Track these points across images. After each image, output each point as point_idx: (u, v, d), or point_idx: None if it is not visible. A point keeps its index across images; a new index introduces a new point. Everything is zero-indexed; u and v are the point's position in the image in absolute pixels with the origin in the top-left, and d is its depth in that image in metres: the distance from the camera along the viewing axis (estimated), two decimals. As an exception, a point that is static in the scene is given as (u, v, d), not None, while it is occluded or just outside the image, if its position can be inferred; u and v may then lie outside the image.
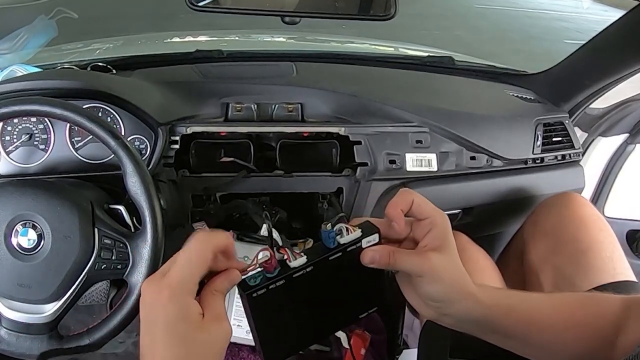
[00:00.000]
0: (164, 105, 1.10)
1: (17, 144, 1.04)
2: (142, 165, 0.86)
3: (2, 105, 0.87)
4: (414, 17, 5.95)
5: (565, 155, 1.31)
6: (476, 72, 1.54)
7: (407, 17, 5.15)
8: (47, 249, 0.83)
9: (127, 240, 0.85)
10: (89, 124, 0.85)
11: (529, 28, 7.11)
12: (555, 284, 1.07)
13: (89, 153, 1.05)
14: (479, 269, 1.06)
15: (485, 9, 7.91)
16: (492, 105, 1.35)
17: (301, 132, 1.15)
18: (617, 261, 1.06)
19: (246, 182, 1.13)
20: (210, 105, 1.14)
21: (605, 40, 1.26)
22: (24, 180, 0.95)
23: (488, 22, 7.27)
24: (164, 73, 1.31)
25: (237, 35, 2.11)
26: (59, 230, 0.83)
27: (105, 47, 1.79)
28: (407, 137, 1.18)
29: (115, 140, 0.85)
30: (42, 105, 0.87)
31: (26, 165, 1.04)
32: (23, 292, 0.84)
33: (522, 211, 1.27)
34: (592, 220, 1.11)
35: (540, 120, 1.29)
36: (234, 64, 1.41)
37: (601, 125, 1.42)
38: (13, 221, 0.83)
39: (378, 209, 1.15)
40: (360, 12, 1.17)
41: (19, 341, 0.86)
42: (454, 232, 1.17)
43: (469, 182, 1.22)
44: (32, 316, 0.85)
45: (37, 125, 1.05)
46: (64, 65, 1.34)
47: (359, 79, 1.39)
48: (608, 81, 1.29)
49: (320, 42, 1.94)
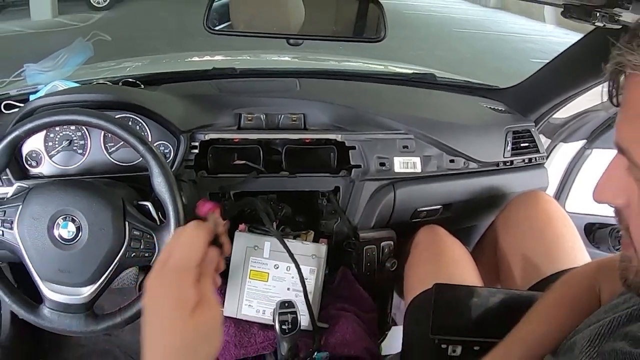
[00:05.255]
0: (185, 116, 1.10)
1: (59, 148, 1.05)
2: (167, 167, 0.86)
3: (46, 115, 0.87)
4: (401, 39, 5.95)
5: (532, 159, 1.31)
6: (454, 86, 1.54)
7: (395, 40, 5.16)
8: (85, 239, 0.84)
9: (154, 232, 0.86)
10: (121, 132, 0.86)
11: (500, 49, 7.12)
12: (524, 271, 1.07)
13: (120, 157, 1.05)
14: (455, 258, 1.06)
15: (462, 33, 7.93)
16: (468, 116, 1.35)
17: (304, 138, 1.16)
18: (577, 250, 1.06)
19: (256, 182, 1.13)
20: (225, 115, 1.14)
21: (565, 59, 1.26)
22: (65, 180, 0.95)
23: (465, 44, 7.28)
24: (185, 88, 1.31)
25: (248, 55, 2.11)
26: (95, 223, 0.84)
27: (134, 65, 1.79)
28: (395, 143, 1.18)
29: (143, 146, 0.86)
30: (81, 115, 0.87)
31: (66, 167, 1.04)
32: (63, 276, 0.85)
33: (495, 207, 1.27)
34: (556, 214, 1.11)
35: (510, 129, 1.30)
36: (246, 80, 1.41)
37: (562, 133, 1.42)
38: (55, 215, 0.84)
39: (369, 205, 1.16)
40: (355, 35, 1.18)
41: (60, 319, 0.86)
42: (432, 226, 1.17)
43: (449, 182, 1.22)
44: (71, 297, 0.86)
45: (75, 133, 1.05)
46: (99, 80, 1.34)
47: (354, 93, 1.39)
48: (568, 95, 1.29)
49: (321, 61, 1.94)
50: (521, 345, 0.76)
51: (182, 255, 0.53)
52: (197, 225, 0.55)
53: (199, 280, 0.52)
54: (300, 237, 1.09)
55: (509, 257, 1.11)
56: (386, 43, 1.13)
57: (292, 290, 1.00)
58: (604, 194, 0.48)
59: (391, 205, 1.16)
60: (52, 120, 0.87)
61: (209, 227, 0.56)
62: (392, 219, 1.18)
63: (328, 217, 1.19)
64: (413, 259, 1.10)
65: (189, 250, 0.53)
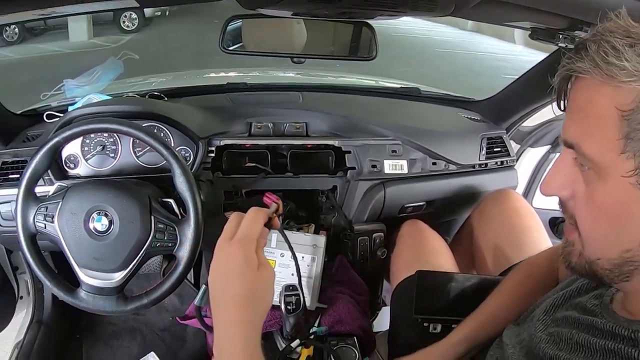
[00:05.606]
0: (203, 124, 1.10)
1: (94, 152, 1.04)
2: (187, 169, 0.86)
3: (82, 124, 0.87)
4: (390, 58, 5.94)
5: (503, 162, 1.31)
6: (436, 99, 1.54)
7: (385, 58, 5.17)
8: (116, 231, 0.84)
9: (176, 225, 0.86)
10: (147, 138, 0.86)
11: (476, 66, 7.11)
12: (496, 259, 1.07)
13: (147, 160, 1.05)
14: (434, 249, 1.06)
15: (443, 52, 7.92)
16: (448, 124, 1.35)
17: (306, 144, 1.15)
18: (542, 241, 1.06)
19: (264, 182, 1.13)
20: (237, 124, 1.14)
21: (532, 75, 1.26)
22: (99, 180, 0.94)
23: (445, 62, 7.27)
24: (203, 100, 1.31)
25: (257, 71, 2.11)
26: (125, 218, 0.84)
27: (159, 81, 1.79)
28: (385, 148, 1.18)
29: (167, 150, 0.85)
30: (113, 124, 0.87)
31: (100, 169, 1.04)
32: (98, 264, 0.85)
33: (471, 203, 1.27)
34: (524, 210, 1.11)
35: (484, 135, 1.30)
36: (256, 93, 1.40)
37: (530, 139, 1.42)
38: (90, 210, 0.84)
39: (363, 202, 1.15)
40: (350, 54, 1.17)
41: (95, 300, 0.86)
42: (414, 220, 1.17)
43: (431, 182, 1.22)
44: (104, 282, 0.85)
45: (108, 139, 1.05)
46: (128, 94, 1.34)
47: (349, 105, 1.39)
48: (534, 106, 1.29)
49: (320, 76, 1.94)
50: (489, 316, 0.77)
51: (246, 230, 0.58)
52: (257, 210, 0.61)
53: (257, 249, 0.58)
54: (302, 230, 1.09)
55: (482, 246, 1.11)
56: (377, 61, 1.13)
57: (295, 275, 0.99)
58: (551, 187, 0.48)
59: (381, 201, 1.16)
60: (87, 128, 0.87)
61: (267, 212, 0.63)
62: (382, 213, 1.18)
63: (327, 212, 1.18)
64: (398, 249, 1.09)
65: (252, 227, 0.58)
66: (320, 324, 0.96)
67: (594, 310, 0.52)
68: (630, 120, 0.40)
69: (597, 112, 0.42)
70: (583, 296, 0.56)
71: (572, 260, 0.50)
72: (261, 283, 0.56)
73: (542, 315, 0.60)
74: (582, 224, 0.47)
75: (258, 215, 0.60)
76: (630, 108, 0.39)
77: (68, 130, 0.85)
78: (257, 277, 0.55)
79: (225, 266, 0.56)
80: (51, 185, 0.95)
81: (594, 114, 0.42)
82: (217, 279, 0.56)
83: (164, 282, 0.86)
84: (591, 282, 0.57)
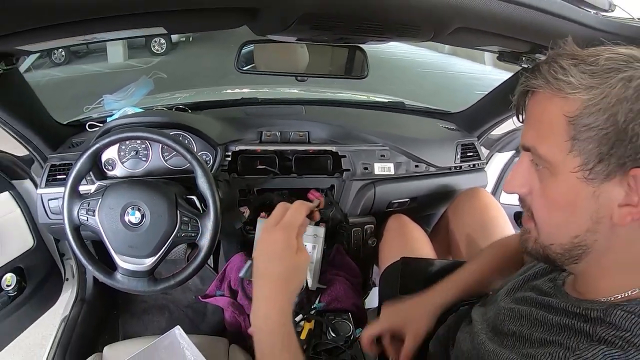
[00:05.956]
0: (221, 133, 1.10)
1: (128, 157, 1.05)
2: (208, 171, 0.86)
3: (119, 132, 0.87)
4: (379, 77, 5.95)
5: (475, 164, 1.31)
6: (418, 111, 1.54)
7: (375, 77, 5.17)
8: (147, 223, 0.84)
9: (198, 218, 0.86)
10: (174, 145, 0.86)
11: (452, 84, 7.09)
12: (468, 247, 1.07)
13: (174, 163, 1.06)
14: (416, 238, 1.05)
15: (425, 72, 7.90)
16: (428, 133, 1.35)
17: (308, 149, 1.16)
18: (508, 232, 1.05)
19: (273, 181, 1.13)
20: (250, 132, 1.14)
21: (499, 91, 1.26)
22: (133, 180, 0.95)
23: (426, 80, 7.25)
24: (221, 112, 1.31)
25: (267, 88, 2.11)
26: (155, 212, 0.84)
27: (184, 96, 1.79)
28: (375, 152, 1.18)
29: (190, 155, 0.86)
30: (145, 132, 0.88)
31: (134, 170, 1.05)
32: (132, 251, 0.85)
33: (447, 199, 1.26)
34: (492, 205, 1.11)
35: (459, 142, 1.30)
36: (265, 107, 1.40)
37: (498, 145, 1.42)
38: (126, 206, 0.84)
39: (356, 199, 1.15)
40: (345, 73, 1.18)
41: (129, 282, 0.86)
42: (399, 215, 1.17)
43: (414, 181, 1.22)
44: (137, 266, 0.86)
45: (141, 145, 1.05)
46: (157, 107, 1.35)
47: (345, 116, 1.39)
48: (501, 118, 1.29)
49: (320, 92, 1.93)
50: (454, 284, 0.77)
51: (290, 219, 0.58)
52: (302, 203, 0.61)
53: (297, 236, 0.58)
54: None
55: (457, 236, 1.11)
56: (368, 80, 1.13)
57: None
58: (512, 186, 0.49)
59: (372, 198, 1.16)
60: (123, 136, 0.87)
61: (310, 205, 0.63)
62: (372, 208, 1.18)
63: (326, 207, 1.18)
64: (386, 239, 1.09)
65: (295, 216, 0.58)
66: (320, 301, 0.96)
67: (549, 291, 0.52)
68: (575, 125, 0.41)
69: (549, 119, 0.43)
70: (539, 279, 0.57)
71: (528, 245, 0.50)
72: (297, 265, 0.56)
73: (504, 296, 0.60)
74: (538, 215, 0.47)
75: (302, 207, 0.60)
76: (576, 114, 0.41)
77: (107, 138, 0.86)
78: (295, 259, 0.56)
79: (269, 247, 0.56)
80: (92, 185, 0.96)
81: (546, 121, 0.44)
82: (261, 257, 0.57)
83: (188, 266, 0.87)
84: (546, 267, 0.57)
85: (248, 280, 1.07)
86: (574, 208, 0.43)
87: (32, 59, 5.41)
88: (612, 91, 0.39)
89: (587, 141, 0.40)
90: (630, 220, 0.41)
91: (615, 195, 0.41)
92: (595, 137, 0.40)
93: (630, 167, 0.39)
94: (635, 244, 0.43)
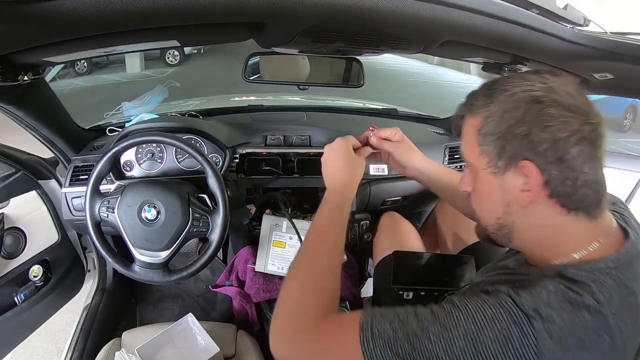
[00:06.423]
0: (229, 137, 1.10)
1: (145, 159, 1.05)
2: (217, 172, 0.86)
3: (137, 136, 0.87)
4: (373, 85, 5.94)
5: (462, 166, 1.31)
6: (410, 117, 1.54)
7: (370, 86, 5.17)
8: (162, 220, 0.84)
9: (209, 215, 0.86)
10: (187, 148, 0.86)
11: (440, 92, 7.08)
12: (454, 241, 1.07)
13: (186, 164, 1.05)
14: (407, 233, 1.05)
15: (416, 81, 7.90)
16: (419, 136, 1.34)
17: (309, 152, 1.15)
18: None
19: (277, 181, 1.13)
20: (256, 136, 1.14)
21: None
22: (149, 180, 0.95)
23: (417, 89, 7.24)
24: (230, 118, 1.30)
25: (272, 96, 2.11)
26: (169, 209, 0.84)
27: (195, 103, 1.79)
28: (370, 155, 1.18)
29: (201, 157, 0.86)
30: (160, 137, 0.88)
31: (150, 171, 1.05)
32: (148, 245, 0.85)
33: (436, 198, 1.26)
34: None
35: (447, 145, 1.29)
36: (270, 113, 1.40)
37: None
38: (142, 203, 0.84)
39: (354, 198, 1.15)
40: (343, 82, 1.18)
41: (146, 273, 0.86)
42: (391, 212, 1.17)
43: (406, 181, 1.21)
44: (153, 259, 0.86)
45: (156, 148, 1.05)
46: (172, 113, 1.34)
47: (343, 122, 1.38)
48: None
49: (320, 100, 1.93)
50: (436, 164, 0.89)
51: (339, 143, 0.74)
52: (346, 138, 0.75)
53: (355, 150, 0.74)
54: (307, 218, 1.09)
55: (444, 232, 1.11)
56: (364, 88, 1.13)
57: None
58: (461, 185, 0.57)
59: (367, 196, 1.16)
60: (141, 140, 0.87)
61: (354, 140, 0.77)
62: (368, 206, 1.18)
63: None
64: (380, 234, 1.09)
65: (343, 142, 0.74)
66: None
67: (514, 266, 0.58)
68: (481, 134, 0.50)
69: (468, 133, 0.53)
70: (507, 260, 0.62)
71: (478, 230, 0.59)
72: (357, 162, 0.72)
73: (479, 277, 0.65)
74: (474, 205, 0.56)
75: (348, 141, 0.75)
76: (480, 127, 0.51)
77: (125, 141, 0.86)
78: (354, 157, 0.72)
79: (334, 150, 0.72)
80: (112, 184, 0.95)
81: (468, 135, 0.53)
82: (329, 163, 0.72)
83: (199, 259, 0.87)
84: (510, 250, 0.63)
85: (253, 273, 1.07)
86: (491, 196, 0.51)
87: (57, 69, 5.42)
88: (500, 106, 0.48)
89: (489, 145, 0.49)
90: (529, 202, 0.48)
91: (515, 183, 0.48)
92: (493, 140, 0.49)
93: (518, 160, 0.47)
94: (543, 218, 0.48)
